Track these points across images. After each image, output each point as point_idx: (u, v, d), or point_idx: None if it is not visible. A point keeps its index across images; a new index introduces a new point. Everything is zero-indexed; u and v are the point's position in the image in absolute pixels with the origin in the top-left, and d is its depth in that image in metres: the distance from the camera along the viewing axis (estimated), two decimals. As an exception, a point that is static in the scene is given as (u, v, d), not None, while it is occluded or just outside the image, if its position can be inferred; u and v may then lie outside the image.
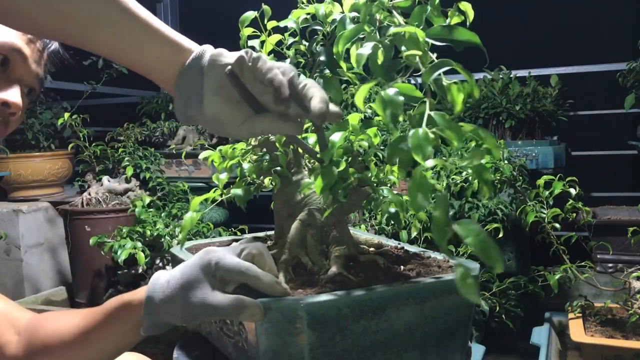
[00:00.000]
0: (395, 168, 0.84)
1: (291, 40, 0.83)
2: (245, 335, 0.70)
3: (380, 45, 0.62)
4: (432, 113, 0.54)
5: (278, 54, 0.85)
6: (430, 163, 0.51)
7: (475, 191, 1.31)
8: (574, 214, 1.48)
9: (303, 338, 0.64)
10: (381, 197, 0.79)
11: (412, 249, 0.91)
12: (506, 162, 1.61)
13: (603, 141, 2.94)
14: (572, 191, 1.42)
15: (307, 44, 0.82)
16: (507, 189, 1.61)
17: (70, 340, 0.75)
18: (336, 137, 0.74)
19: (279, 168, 0.84)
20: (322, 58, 0.76)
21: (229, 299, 0.65)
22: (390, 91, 0.56)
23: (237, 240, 0.99)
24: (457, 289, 0.49)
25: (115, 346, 0.75)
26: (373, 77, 0.66)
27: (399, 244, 0.93)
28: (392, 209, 0.79)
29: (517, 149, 2.36)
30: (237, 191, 0.84)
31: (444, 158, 1.81)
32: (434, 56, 0.61)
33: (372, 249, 0.88)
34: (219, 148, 0.90)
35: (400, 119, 0.56)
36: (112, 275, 2.19)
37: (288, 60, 0.84)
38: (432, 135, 0.52)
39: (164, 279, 0.70)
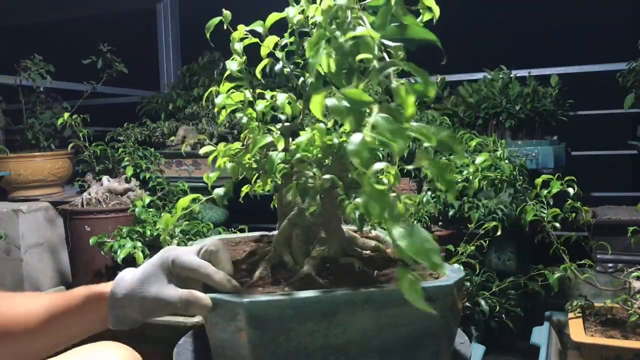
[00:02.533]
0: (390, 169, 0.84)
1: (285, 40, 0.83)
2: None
3: (332, 51, 0.61)
4: (378, 116, 0.52)
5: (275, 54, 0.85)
6: (378, 166, 0.50)
7: (475, 191, 1.31)
8: (574, 214, 1.48)
9: (243, 335, 0.66)
10: (351, 200, 0.76)
11: None
12: (506, 161, 1.61)
13: (603, 141, 2.94)
14: (571, 190, 1.42)
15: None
16: (507, 188, 1.62)
17: (36, 324, 0.76)
18: (301, 138, 0.75)
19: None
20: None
21: (179, 292, 0.70)
22: (332, 100, 0.55)
23: (264, 236, 1.02)
24: (428, 297, 0.48)
25: (81, 332, 0.78)
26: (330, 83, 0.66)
27: None
28: (357, 212, 0.76)
29: (517, 149, 2.36)
30: (218, 190, 0.84)
31: (444, 158, 1.81)
32: (391, 57, 0.59)
33: (367, 251, 0.87)
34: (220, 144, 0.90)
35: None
36: (112, 275, 2.19)
37: (280, 63, 0.84)
38: (369, 139, 0.51)
39: (128, 276, 0.75)
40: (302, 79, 0.84)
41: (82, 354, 0.91)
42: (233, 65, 0.84)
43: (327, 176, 0.75)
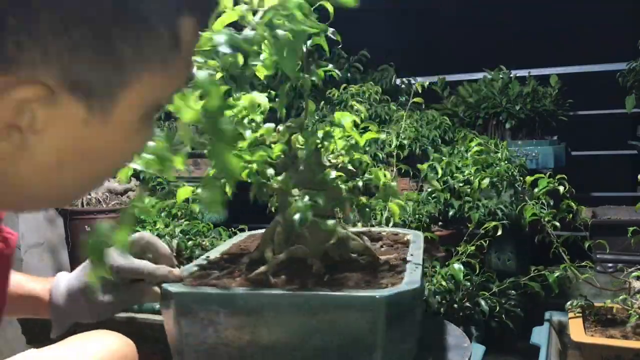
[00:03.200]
0: (380, 173, 0.85)
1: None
2: None
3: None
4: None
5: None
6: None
7: (476, 190, 1.31)
8: (570, 214, 1.48)
9: (177, 323, 0.71)
10: (292, 202, 0.76)
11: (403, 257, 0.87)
12: (505, 162, 1.61)
13: (603, 141, 2.94)
14: (561, 188, 1.42)
15: None
16: (508, 189, 1.62)
17: None
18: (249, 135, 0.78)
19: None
20: None
21: (130, 289, 0.77)
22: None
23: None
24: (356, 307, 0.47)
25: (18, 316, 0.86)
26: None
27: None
28: (296, 216, 0.73)
29: (517, 149, 2.36)
30: (203, 193, 0.84)
31: (443, 158, 1.81)
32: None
33: (355, 254, 0.86)
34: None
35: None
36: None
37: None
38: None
39: (63, 285, 0.79)
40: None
41: (77, 342, 0.93)
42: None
43: (279, 177, 0.77)
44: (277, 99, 0.83)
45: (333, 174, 0.79)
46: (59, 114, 0.41)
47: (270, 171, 0.80)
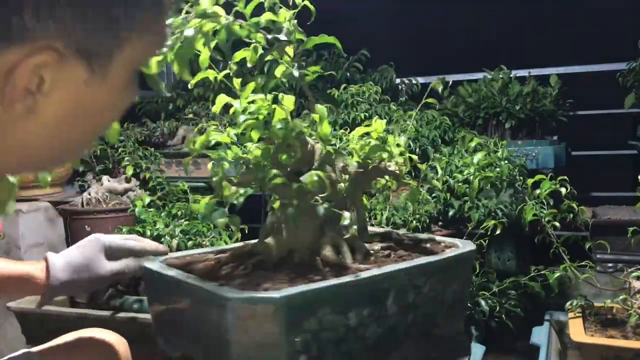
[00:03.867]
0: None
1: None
2: None
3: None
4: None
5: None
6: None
7: (475, 190, 1.31)
8: (571, 214, 1.48)
9: (148, 294, 0.90)
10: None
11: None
12: (506, 161, 1.61)
13: (603, 141, 2.94)
14: (563, 190, 1.42)
15: None
16: (507, 188, 1.61)
17: None
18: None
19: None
20: None
21: (120, 264, 0.95)
22: None
23: None
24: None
25: (8, 298, 1.00)
26: None
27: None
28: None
29: (517, 149, 2.36)
30: (220, 220, 0.87)
31: (443, 158, 1.81)
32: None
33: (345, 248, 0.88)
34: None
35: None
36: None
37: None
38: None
39: (60, 263, 0.91)
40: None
41: (70, 339, 0.95)
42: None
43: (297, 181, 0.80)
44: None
45: (333, 175, 0.80)
46: (65, 76, 0.47)
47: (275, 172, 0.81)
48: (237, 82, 0.80)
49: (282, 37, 0.75)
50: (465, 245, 0.94)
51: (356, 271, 0.79)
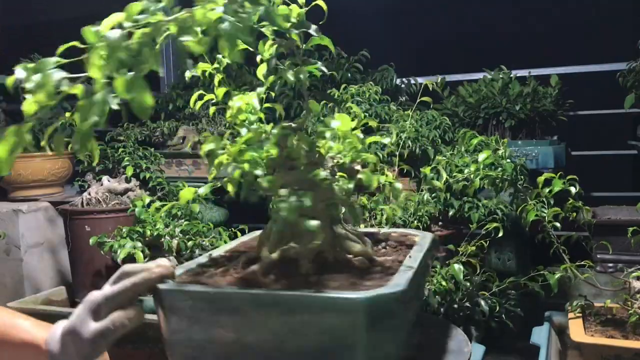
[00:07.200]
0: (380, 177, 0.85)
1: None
2: None
3: None
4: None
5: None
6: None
7: (476, 190, 1.31)
8: (574, 214, 1.48)
9: (164, 321, 0.75)
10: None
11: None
12: (508, 160, 1.61)
13: (603, 141, 2.94)
14: (572, 189, 1.42)
15: None
16: (508, 188, 1.61)
17: None
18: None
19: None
20: None
21: (108, 319, 0.73)
22: None
23: None
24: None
25: None
26: None
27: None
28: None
29: (517, 148, 2.36)
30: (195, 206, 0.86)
31: (444, 157, 1.81)
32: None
33: (350, 255, 0.86)
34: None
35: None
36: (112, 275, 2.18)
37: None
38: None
39: (58, 332, 0.77)
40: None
41: None
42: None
43: (268, 177, 0.78)
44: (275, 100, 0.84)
45: (323, 173, 0.79)
46: None
47: (259, 172, 0.80)
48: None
49: (312, 32, 0.75)
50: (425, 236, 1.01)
51: (395, 262, 0.82)
